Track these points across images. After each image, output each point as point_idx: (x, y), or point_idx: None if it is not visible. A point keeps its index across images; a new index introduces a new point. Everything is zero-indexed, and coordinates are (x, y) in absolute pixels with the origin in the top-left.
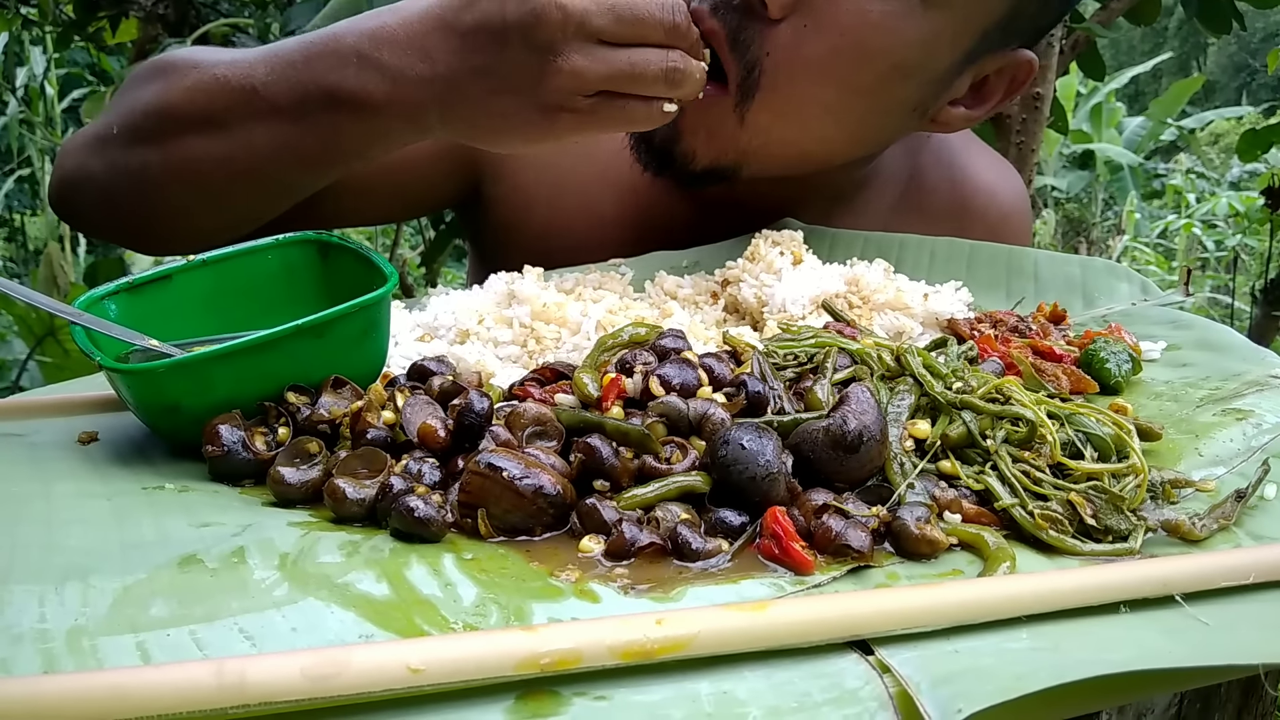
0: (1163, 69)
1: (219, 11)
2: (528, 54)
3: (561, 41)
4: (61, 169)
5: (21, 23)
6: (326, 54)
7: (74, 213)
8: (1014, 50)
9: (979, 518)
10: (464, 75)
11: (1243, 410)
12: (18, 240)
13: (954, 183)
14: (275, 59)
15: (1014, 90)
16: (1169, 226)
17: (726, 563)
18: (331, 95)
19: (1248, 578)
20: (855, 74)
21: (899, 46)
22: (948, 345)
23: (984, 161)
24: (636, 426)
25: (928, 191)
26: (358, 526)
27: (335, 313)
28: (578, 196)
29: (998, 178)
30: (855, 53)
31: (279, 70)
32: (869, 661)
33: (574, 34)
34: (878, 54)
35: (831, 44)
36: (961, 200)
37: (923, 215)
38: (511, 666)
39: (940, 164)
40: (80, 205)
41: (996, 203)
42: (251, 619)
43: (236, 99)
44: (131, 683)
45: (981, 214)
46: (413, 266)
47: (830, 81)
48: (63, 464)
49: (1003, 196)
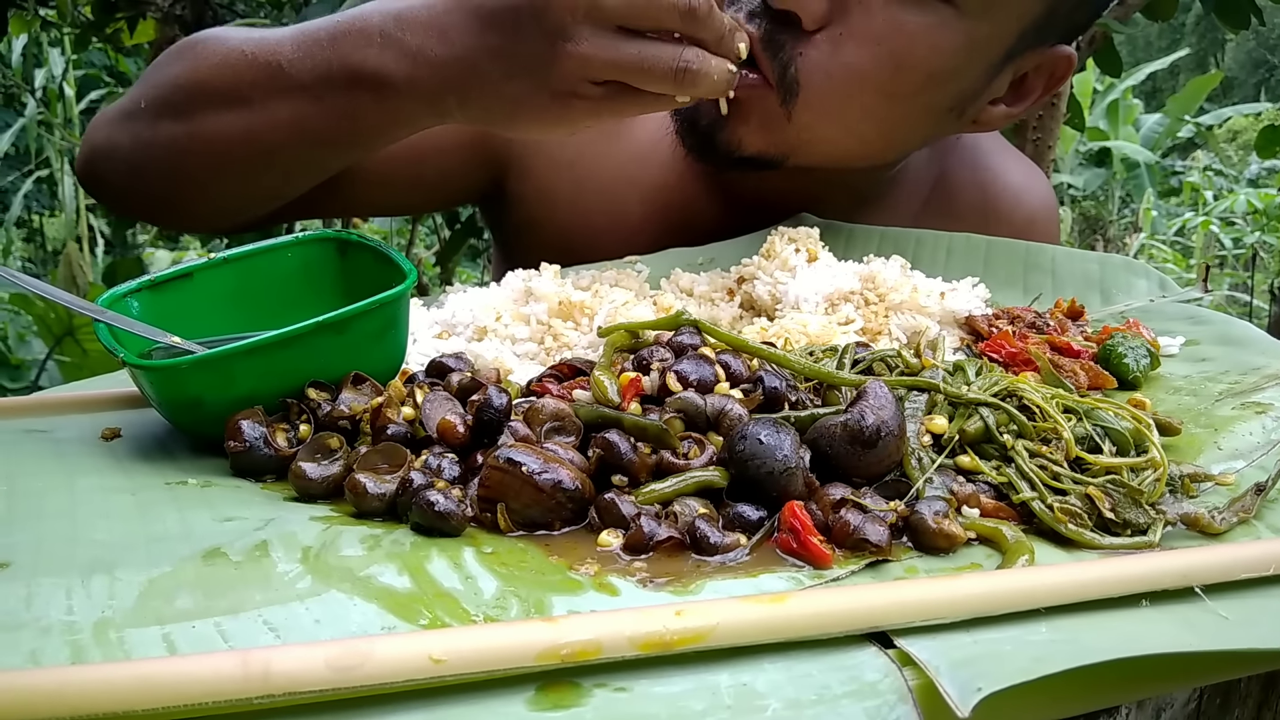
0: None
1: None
2: (540, 38)
3: (572, 25)
4: (90, 142)
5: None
6: (352, 33)
7: (100, 184)
8: (1051, 47)
9: (997, 512)
10: (480, 58)
11: (1262, 404)
12: (36, 241)
13: (981, 185)
14: (303, 37)
15: (1053, 86)
16: (1186, 224)
17: (745, 557)
18: (353, 74)
19: (1268, 569)
20: (892, 82)
21: (936, 56)
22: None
23: (1013, 164)
24: (654, 422)
25: (955, 193)
26: (378, 521)
27: (355, 309)
28: (600, 195)
29: (1026, 181)
30: (892, 62)
31: (305, 48)
32: (888, 655)
33: (585, 18)
34: (915, 63)
35: (868, 53)
36: (988, 202)
37: (949, 217)
38: (532, 657)
39: (968, 166)
40: (107, 177)
41: (1023, 205)
42: (275, 611)
43: (261, 75)
44: (159, 673)
45: (1008, 217)
46: (428, 266)
47: (868, 88)
48: (87, 459)
49: (1030, 199)
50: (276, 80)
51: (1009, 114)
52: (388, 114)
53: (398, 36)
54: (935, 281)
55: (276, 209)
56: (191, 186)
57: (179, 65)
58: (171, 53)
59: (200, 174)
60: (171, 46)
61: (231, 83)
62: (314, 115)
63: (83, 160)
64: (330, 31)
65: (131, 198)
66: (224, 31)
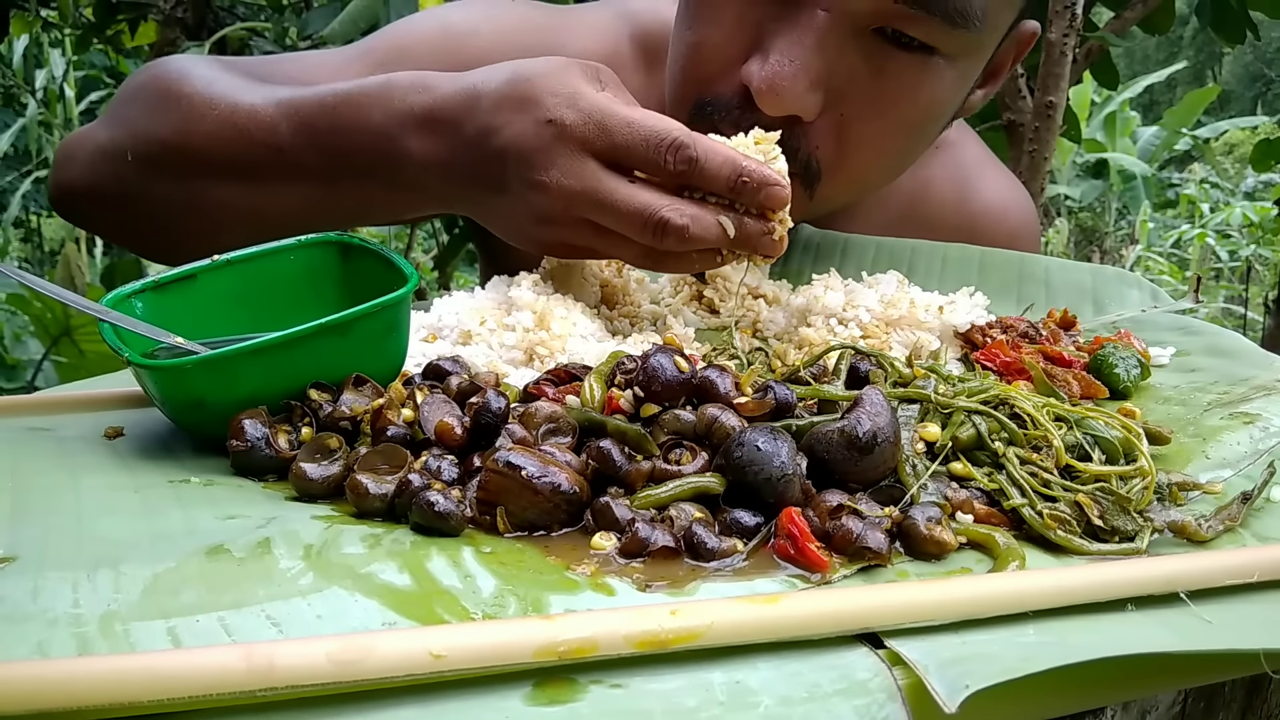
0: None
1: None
2: (516, 162)
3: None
4: (66, 174)
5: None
6: (355, 130)
7: (83, 220)
8: (1017, 27)
9: (989, 518)
10: (472, 173)
11: (1250, 414)
12: (34, 241)
13: (963, 201)
14: (297, 119)
15: (1019, 58)
16: (1182, 236)
17: (742, 563)
18: (364, 171)
19: (1252, 576)
20: (903, 135)
21: (936, 104)
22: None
23: (995, 180)
24: (634, 427)
25: (937, 208)
26: (378, 521)
27: (358, 312)
28: None
29: (1007, 197)
30: (898, 122)
31: (304, 134)
32: (879, 655)
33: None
34: (919, 115)
35: (876, 125)
36: (971, 219)
37: (932, 232)
38: (530, 654)
39: (950, 181)
40: (90, 215)
41: (1006, 222)
42: (278, 606)
43: (262, 155)
44: (164, 665)
45: (989, 233)
46: (426, 270)
47: (880, 148)
48: (90, 458)
49: (1011, 216)
50: (281, 163)
51: (985, 95)
52: (399, 202)
53: (403, 142)
54: (933, 295)
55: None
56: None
57: (161, 121)
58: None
59: (201, 232)
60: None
61: (230, 159)
62: (326, 199)
63: (61, 194)
64: (329, 120)
65: (119, 236)
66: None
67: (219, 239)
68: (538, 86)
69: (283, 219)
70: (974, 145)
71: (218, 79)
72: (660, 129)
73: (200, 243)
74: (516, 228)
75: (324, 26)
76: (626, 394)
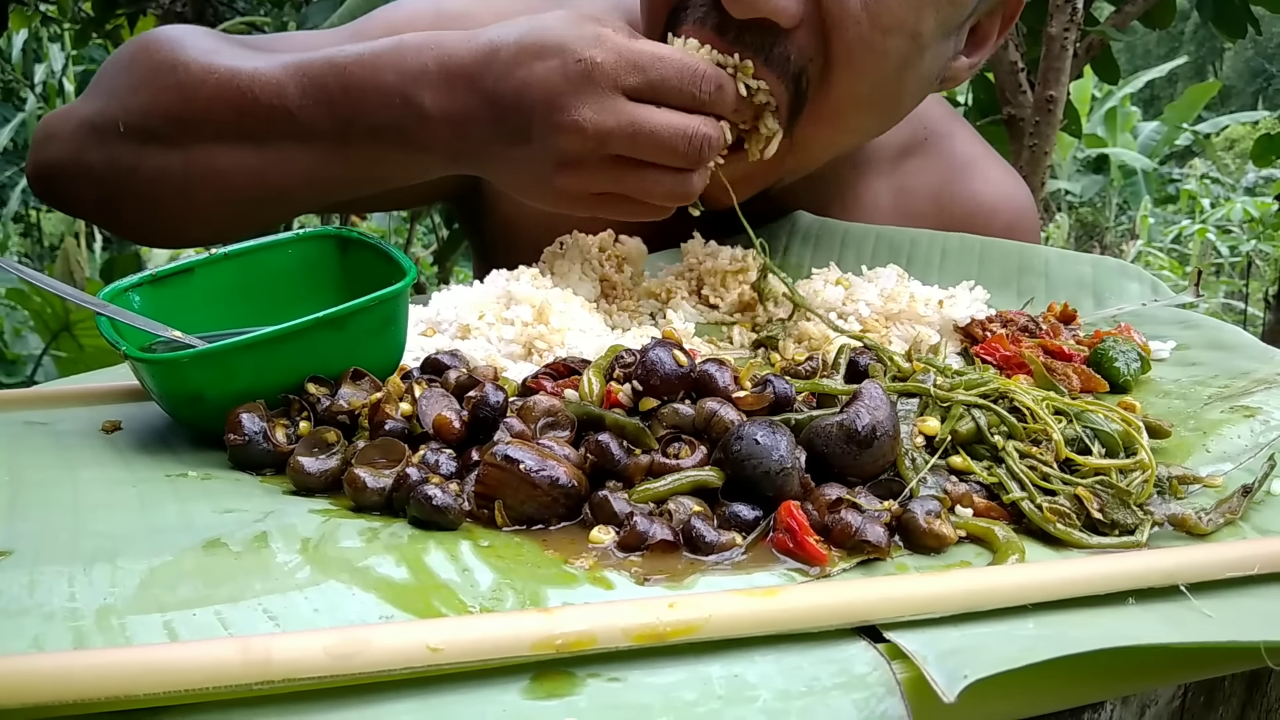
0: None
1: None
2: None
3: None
4: (48, 154)
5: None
6: (367, 89)
7: (61, 199)
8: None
9: (988, 512)
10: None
11: (1251, 408)
12: (33, 235)
13: (958, 193)
14: (305, 80)
15: (1005, 28)
16: (1183, 231)
17: (740, 556)
18: (376, 131)
19: (1252, 569)
20: (882, 61)
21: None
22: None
23: (991, 171)
24: (633, 421)
25: (932, 199)
26: (376, 515)
27: (355, 305)
28: None
29: (1004, 188)
30: (884, 32)
31: (313, 94)
32: (878, 648)
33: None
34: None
35: (855, 34)
36: (966, 211)
37: (927, 224)
38: (527, 647)
39: (945, 171)
40: (69, 194)
41: (1002, 214)
42: (275, 600)
43: (269, 117)
44: (160, 659)
45: (985, 225)
46: (425, 265)
47: (865, 74)
48: (88, 452)
49: (1008, 207)
50: (289, 125)
51: (972, 65)
52: (412, 165)
53: (417, 100)
54: (933, 289)
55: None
56: (186, 214)
57: (155, 90)
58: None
59: (200, 205)
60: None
61: (234, 122)
62: (334, 163)
63: (40, 172)
64: (341, 81)
65: (103, 217)
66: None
67: (214, 211)
68: (559, 33)
69: (285, 184)
70: (972, 139)
71: (214, 48)
72: (690, 61)
73: (190, 216)
74: (536, 179)
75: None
76: (625, 388)
